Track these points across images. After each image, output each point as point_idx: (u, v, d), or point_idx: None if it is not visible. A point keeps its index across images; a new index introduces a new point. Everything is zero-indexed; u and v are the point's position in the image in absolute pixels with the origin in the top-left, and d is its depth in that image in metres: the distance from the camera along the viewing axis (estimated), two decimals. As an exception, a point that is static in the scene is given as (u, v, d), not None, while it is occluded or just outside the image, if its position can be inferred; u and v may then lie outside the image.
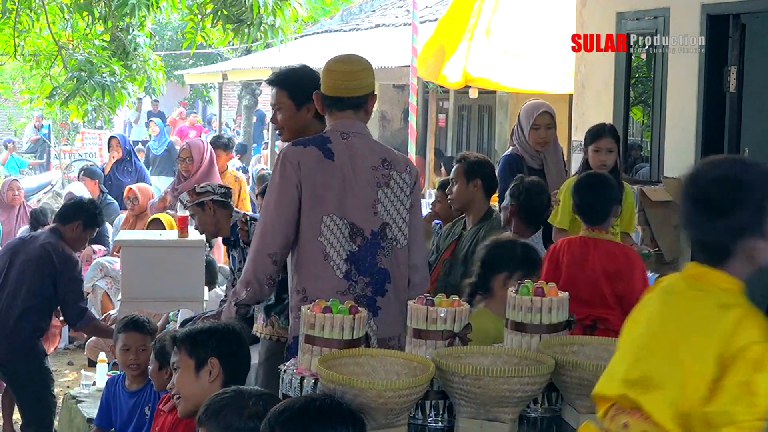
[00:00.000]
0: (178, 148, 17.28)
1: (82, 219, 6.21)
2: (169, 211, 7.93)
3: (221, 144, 9.19)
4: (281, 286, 4.08)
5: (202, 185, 5.74)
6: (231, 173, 9.15)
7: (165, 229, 7.12)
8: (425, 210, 6.09)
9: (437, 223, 6.33)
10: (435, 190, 6.92)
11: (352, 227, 3.83)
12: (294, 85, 4.19)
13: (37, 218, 8.68)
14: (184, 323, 5.76)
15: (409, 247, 3.95)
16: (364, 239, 3.85)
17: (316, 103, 3.98)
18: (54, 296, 5.96)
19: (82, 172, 10.41)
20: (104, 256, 8.66)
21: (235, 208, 5.95)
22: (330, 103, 3.90)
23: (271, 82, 4.24)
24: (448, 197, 5.58)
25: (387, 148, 4.03)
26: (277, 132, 4.33)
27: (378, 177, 3.89)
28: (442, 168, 13.32)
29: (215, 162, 8.39)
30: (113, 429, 4.79)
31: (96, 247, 8.86)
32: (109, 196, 10.01)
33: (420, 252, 4.04)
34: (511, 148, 5.99)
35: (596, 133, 5.54)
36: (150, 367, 4.46)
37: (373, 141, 4.01)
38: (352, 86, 3.88)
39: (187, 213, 6.71)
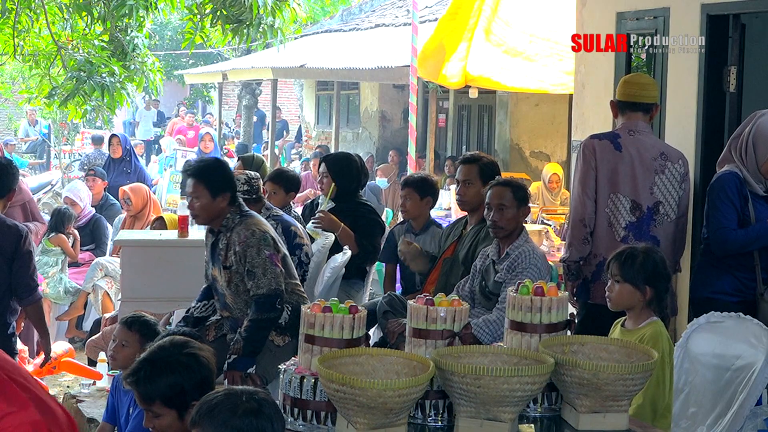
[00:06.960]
0: (180, 149, 17.34)
1: None
2: None
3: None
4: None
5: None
6: None
7: (168, 228, 7.10)
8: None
9: (443, 220, 6.19)
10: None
11: (633, 203, 4.96)
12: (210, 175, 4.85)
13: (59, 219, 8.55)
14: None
15: (676, 221, 5.02)
16: (641, 213, 4.96)
17: (611, 108, 5.19)
18: (10, 274, 5.36)
19: (91, 171, 10.27)
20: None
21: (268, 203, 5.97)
22: (624, 106, 5.07)
23: (185, 172, 4.96)
24: (458, 197, 5.56)
25: (664, 144, 5.27)
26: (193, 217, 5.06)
27: (655, 165, 4.98)
28: (447, 167, 13.19)
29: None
30: (116, 427, 4.79)
31: (85, 255, 8.82)
32: (111, 197, 9.98)
33: (684, 227, 5.14)
34: (729, 165, 4.92)
35: None
36: None
37: (654, 138, 5.20)
38: (644, 95, 5.04)
39: (187, 213, 6.71)
